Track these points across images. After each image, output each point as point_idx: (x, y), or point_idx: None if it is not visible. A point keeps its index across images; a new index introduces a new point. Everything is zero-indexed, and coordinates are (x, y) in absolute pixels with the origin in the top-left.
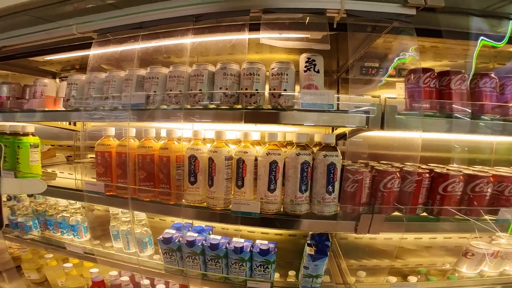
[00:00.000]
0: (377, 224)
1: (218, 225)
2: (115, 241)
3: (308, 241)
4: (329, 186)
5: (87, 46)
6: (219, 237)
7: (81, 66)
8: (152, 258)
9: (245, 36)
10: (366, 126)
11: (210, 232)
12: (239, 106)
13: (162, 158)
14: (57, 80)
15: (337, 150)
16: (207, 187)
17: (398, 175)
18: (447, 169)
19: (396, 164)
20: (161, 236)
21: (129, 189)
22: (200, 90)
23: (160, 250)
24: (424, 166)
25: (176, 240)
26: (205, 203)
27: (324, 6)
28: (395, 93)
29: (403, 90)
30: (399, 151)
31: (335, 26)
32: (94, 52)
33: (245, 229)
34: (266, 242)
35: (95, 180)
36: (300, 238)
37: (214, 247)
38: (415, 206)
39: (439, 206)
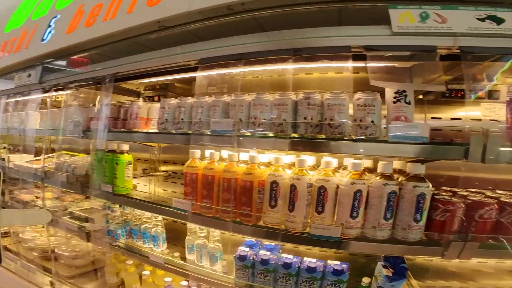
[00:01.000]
0: (469, 251)
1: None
2: (189, 253)
3: (382, 263)
4: (417, 215)
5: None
6: (291, 257)
7: (161, 86)
8: (221, 272)
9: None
10: (465, 159)
11: (280, 250)
12: (322, 136)
13: (245, 183)
14: (140, 99)
15: (426, 181)
16: (287, 211)
17: (496, 207)
18: None
19: (489, 193)
20: (237, 254)
21: (213, 209)
22: (284, 119)
23: (234, 265)
24: None
25: (251, 258)
26: (283, 226)
27: (436, 44)
28: (480, 114)
29: (489, 111)
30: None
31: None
32: (197, 74)
33: (303, 247)
34: (338, 262)
35: (179, 197)
36: (360, 257)
37: (287, 266)
38: None
39: None
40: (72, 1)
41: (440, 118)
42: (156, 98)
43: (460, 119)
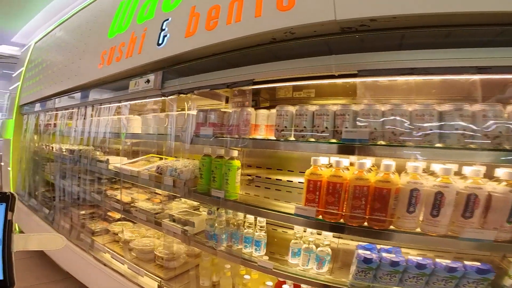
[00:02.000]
0: None
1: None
2: (292, 257)
3: None
4: None
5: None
6: (420, 258)
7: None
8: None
9: None
10: None
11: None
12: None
13: (381, 190)
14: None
15: None
16: (429, 216)
17: None
18: None
19: None
20: (361, 256)
21: (339, 215)
22: (431, 129)
23: (353, 268)
24: None
25: (377, 260)
26: (418, 229)
27: None
28: None
29: None
30: None
31: None
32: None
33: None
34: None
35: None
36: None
37: (422, 266)
38: None
39: None
40: (180, 2)
41: None
42: (247, 103)
43: None
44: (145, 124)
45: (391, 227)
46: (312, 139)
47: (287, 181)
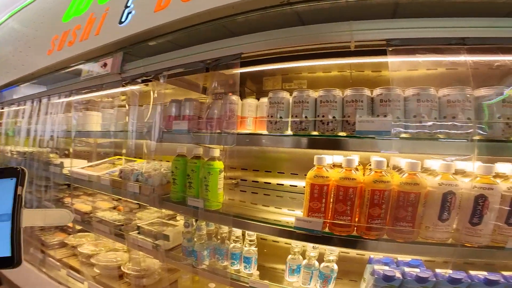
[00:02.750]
0: None
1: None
2: (290, 275)
3: None
4: None
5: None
6: (449, 271)
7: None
8: None
9: None
10: None
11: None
12: None
13: (408, 195)
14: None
15: None
16: (467, 224)
17: None
18: None
19: None
20: (380, 273)
21: (352, 227)
22: (469, 118)
23: (369, 287)
24: None
25: (399, 277)
26: (451, 240)
27: None
28: None
29: None
30: None
31: None
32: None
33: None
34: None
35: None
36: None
37: (456, 281)
38: None
39: None
40: None
41: None
42: (230, 94)
43: None
44: (104, 120)
45: (419, 238)
46: (315, 133)
47: (277, 184)
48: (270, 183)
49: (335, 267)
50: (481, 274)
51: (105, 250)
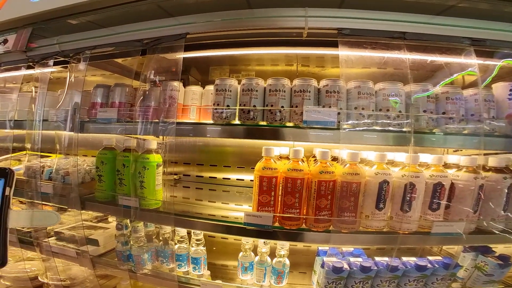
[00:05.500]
0: None
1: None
2: (244, 273)
3: (479, 253)
4: None
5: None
6: (388, 259)
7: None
8: None
9: None
10: None
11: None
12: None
13: (350, 185)
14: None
15: None
16: (399, 212)
17: None
18: None
19: None
20: (330, 265)
21: (301, 219)
22: (400, 111)
23: (320, 279)
24: None
25: (348, 268)
26: (386, 228)
27: None
28: None
29: None
30: None
31: None
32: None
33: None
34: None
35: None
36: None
37: (394, 269)
38: None
39: None
40: None
41: None
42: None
43: None
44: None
45: (360, 228)
46: (263, 123)
47: (223, 178)
48: (215, 177)
49: (287, 262)
50: (412, 259)
51: (14, 261)
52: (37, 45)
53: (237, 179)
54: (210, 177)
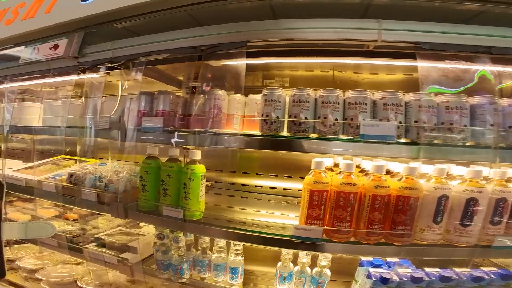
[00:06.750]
0: None
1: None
2: (281, 283)
3: None
4: None
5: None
6: (438, 269)
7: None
8: None
9: None
10: None
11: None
12: None
13: (408, 199)
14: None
15: None
16: (458, 226)
17: None
18: None
19: None
20: (378, 276)
21: (351, 233)
22: (466, 125)
23: None
24: None
25: (396, 279)
26: (440, 241)
27: None
28: None
29: None
30: None
31: None
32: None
33: None
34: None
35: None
36: None
37: (446, 279)
38: None
39: None
40: None
41: None
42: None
43: None
44: (48, 113)
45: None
46: (314, 135)
47: (256, 186)
48: (247, 185)
49: (328, 272)
50: (466, 270)
51: (52, 264)
52: (89, 51)
53: (269, 187)
54: (242, 184)
